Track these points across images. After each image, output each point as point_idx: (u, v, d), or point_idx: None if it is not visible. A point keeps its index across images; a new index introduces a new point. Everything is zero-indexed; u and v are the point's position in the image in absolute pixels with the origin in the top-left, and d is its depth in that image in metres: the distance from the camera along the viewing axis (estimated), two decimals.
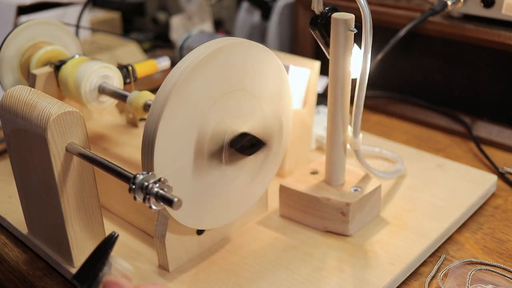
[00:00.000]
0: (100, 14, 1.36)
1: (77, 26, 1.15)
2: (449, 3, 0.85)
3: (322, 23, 0.61)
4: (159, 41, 1.36)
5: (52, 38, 0.78)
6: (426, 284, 0.59)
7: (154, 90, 0.62)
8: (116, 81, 0.72)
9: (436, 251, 0.65)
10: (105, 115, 0.82)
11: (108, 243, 0.48)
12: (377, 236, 0.65)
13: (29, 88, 0.59)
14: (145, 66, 0.77)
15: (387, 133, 0.92)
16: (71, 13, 1.19)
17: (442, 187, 0.74)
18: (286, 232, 0.66)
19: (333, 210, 0.64)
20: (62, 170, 0.56)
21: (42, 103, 0.56)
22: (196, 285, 0.59)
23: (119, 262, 0.48)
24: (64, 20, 1.15)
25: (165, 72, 0.83)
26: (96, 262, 0.47)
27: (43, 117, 0.54)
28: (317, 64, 0.76)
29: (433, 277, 0.61)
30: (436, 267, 0.62)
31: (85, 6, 1.19)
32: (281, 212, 0.69)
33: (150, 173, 0.49)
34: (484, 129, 0.88)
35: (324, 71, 0.75)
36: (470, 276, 0.60)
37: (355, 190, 0.66)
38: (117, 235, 0.48)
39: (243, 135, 0.58)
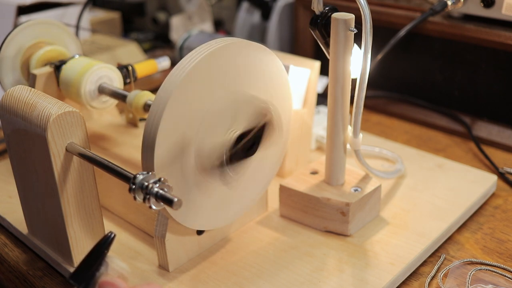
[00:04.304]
0: (100, 14, 1.36)
1: (77, 26, 1.15)
2: (449, 3, 0.85)
3: (322, 23, 0.61)
4: (159, 41, 1.36)
5: (52, 38, 0.78)
6: (426, 284, 0.59)
7: (154, 90, 0.62)
8: (116, 81, 0.72)
9: (436, 251, 0.65)
10: (105, 115, 0.82)
11: (105, 243, 0.48)
12: (377, 236, 0.65)
13: (29, 88, 0.59)
14: (145, 66, 0.77)
15: (387, 133, 0.92)
16: (71, 13, 1.19)
17: (442, 187, 0.74)
18: (286, 232, 0.66)
19: (333, 210, 0.64)
20: (62, 170, 0.56)
21: (42, 103, 0.56)
22: (196, 285, 0.59)
23: (116, 262, 0.48)
24: (64, 20, 1.16)
25: (165, 72, 0.84)
26: (92, 262, 0.47)
27: (43, 117, 0.54)
28: (317, 64, 0.76)
29: (433, 277, 0.61)
30: (436, 267, 0.62)
31: (85, 6, 1.19)
32: (281, 212, 0.69)
33: (150, 173, 0.49)
34: (484, 129, 0.88)
35: (324, 71, 0.75)
36: (470, 276, 0.60)
37: (355, 190, 0.66)
38: (114, 235, 0.48)
39: (242, 136, 0.57)
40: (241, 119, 0.58)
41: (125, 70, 0.73)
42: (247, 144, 0.56)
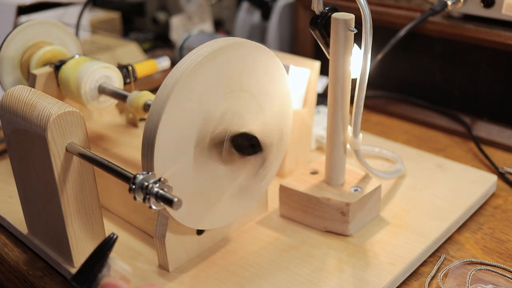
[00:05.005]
0: (100, 14, 1.36)
1: (77, 26, 1.15)
2: (449, 3, 0.85)
3: (322, 23, 0.61)
4: (159, 41, 1.36)
5: (52, 38, 0.78)
6: (426, 284, 0.59)
7: (154, 90, 0.62)
8: (116, 81, 0.72)
9: (436, 251, 0.65)
10: (105, 115, 0.82)
11: (107, 244, 0.48)
12: (377, 236, 0.65)
13: (29, 88, 0.59)
14: (145, 66, 0.77)
15: (387, 133, 0.92)
16: (71, 13, 1.19)
17: (442, 187, 0.74)
18: (286, 232, 0.66)
19: (333, 210, 0.64)
20: (62, 170, 0.56)
21: (42, 103, 0.56)
22: (196, 285, 0.59)
23: (118, 264, 0.48)
24: (64, 20, 1.16)
25: (165, 72, 0.83)
26: (95, 263, 0.47)
27: (43, 117, 0.54)
28: (317, 64, 0.76)
29: (433, 277, 0.61)
30: (436, 267, 0.62)
31: (85, 6, 1.19)
32: (281, 212, 0.69)
33: (150, 173, 0.49)
34: (484, 129, 0.88)
35: (324, 71, 0.75)
36: (470, 276, 0.60)
37: (355, 190, 0.66)
38: (116, 237, 0.48)
39: (244, 135, 0.58)
40: (248, 122, 0.59)
41: (125, 70, 0.73)
42: (246, 142, 0.57)
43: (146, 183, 0.48)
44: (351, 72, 0.62)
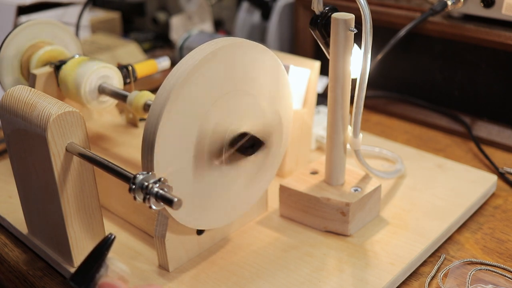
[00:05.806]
0: (100, 14, 1.36)
1: (77, 26, 1.15)
2: (449, 3, 0.86)
3: (322, 23, 0.61)
4: (159, 41, 1.36)
5: (52, 38, 0.78)
6: (426, 284, 0.59)
7: (154, 90, 0.62)
8: (116, 81, 0.72)
9: (436, 251, 0.65)
10: (105, 115, 0.82)
11: (105, 244, 0.48)
12: (377, 236, 0.65)
13: (29, 88, 0.59)
14: (145, 66, 0.77)
15: (387, 133, 0.92)
16: (71, 13, 1.19)
17: (442, 187, 0.74)
18: (286, 232, 0.66)
19: (333, 210, 0.64)
20: (62, 170, 0.56)
21: (42, 103, 0.56)
22: (196, 285, 0.59)
23: (116, 264, 0.48)
24: (64, 20, 1.16)
25: (165, 72, 0.83)
26: (93, 263, 0.47)
27: (43, 117, 0.54)
28: (317, 64, 0.76)
29: (433, 277, 0.61)
30: (436, 267, 0.62)
31: (85, 6, 1.19)
32: (281, 212, 0.69)
33: (150, 173, 0.49)
34: (484, 129, 0.88)
35: (324, 71, 0.75)
36: (470, 276, 0.60)
37: (355, 190, 0.66)
38: (114, 237, 0.48)
39: (243, 135, 0.58)
40: (248, 121, 0.59)
41: (125, 70, 0.73)
42: (246, 143, 0.57)
43: (146, 183, 0.48)
44: (351, 72, 0.62)
